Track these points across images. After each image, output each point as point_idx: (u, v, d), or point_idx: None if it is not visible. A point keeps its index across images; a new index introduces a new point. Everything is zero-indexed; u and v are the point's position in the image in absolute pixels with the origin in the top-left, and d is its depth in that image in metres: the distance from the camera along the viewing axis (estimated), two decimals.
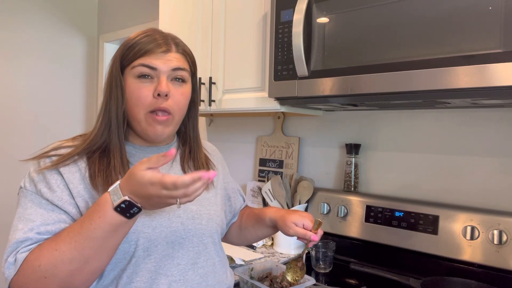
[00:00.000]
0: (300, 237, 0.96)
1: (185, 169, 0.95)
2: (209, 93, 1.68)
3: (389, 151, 1.52)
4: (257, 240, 1.15)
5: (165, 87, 0.82)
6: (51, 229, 0.76)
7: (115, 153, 0.84)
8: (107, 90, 0.86)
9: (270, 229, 1.05)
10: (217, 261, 0.94)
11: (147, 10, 2.68)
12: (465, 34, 0.96)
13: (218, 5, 1.67)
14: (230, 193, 1.11)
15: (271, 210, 1.04)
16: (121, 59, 0.85)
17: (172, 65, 0.85)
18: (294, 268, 1.01)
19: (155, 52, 0.83)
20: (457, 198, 1.36)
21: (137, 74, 0.83)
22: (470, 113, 1.34)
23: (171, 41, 0.87)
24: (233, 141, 2.12)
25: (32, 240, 0.75)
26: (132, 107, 0.84)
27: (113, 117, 0.84)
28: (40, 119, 2.93)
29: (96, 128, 0.86)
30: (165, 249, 0.84)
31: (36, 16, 2.89)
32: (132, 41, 0.85)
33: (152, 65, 0.83)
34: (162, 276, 0.83)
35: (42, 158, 0.83)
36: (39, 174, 0.81)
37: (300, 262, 1.01)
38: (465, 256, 1.23)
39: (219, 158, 1.10)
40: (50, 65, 2.98)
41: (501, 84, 0.91)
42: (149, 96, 0.83)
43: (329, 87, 1.21)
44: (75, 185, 0.81)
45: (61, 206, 0.79)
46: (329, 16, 1.21)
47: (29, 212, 0.77)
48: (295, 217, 0.97)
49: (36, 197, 0.79)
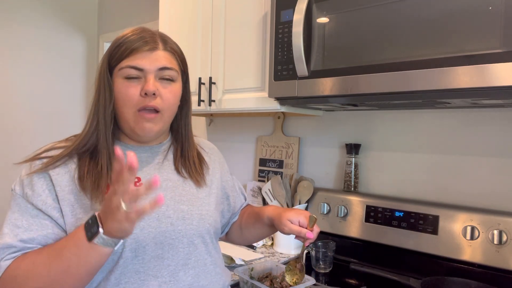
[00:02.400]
0: (295, 234, 0.95)
1: (177, 167, 0.94)
2: (209, 93, 1.68)
3: (389, 151, 1.52)
4: (258, 240, 1.14)
5: (151, 86, 0.82)
6: (34, 235, 0.77)
7: (103, 153, 0.84)
8: (97, 90, 0.86)
9: (269, 228, 1.04)
10: (209, 261, 0.92)
11: (147, 10, 2.68)
12: (465, 34, 0.96)
13: (218, 5, 1.67)
14: (229, 191, 1.09)
15: (269, 208, 1.03)
16: (109, 59, 0.85)
17: (158, 64, 0.84)
18: (293, 270, 1.00)
19: (142, 50, 0.82)
20: (457, 198, 1.36)
21: (125, 76, 0.83)
22: (470, 113, 1.34)
23: (158, 39, 0.86)
24: (233, 141, 2.12)
25: (16, 248, 0.75)
26: (120, 106, 0.84)
27: (100, 117, 0.84)
28: (39, 119, 2.93)
29: (85, 129, 0.86)
30: (154, 250, 0.83)
31: (36, 16, 2.88)
32: (119, 41, 0.85)
33: (139, 66, 0.82)
34: (152, 277, 0.82)
35: (34, 160, 0.83)
36: (28, 177, 0.81)
37: (299, 263, 1.00)
38: (465, 256, 1.23)
39: (217, 156, 1.09)
40: (50, 65, 2.98)
41: (501, 84, 0.91)
42: (136, 95, 0.83)
43: (329, 87, 1.21)
44: (62, 187, 0.80)
45: (44, 211, 0.78)
46: (329, 16, 1.21)
47: (15, 217, 0.78)
48: (290, 214, 0.96)
49: (23, 201, 0.80)
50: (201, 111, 1.75)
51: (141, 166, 0.89)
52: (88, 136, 0.84)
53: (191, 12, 1.79)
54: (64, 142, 0.87)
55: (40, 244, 0.77)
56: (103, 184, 0.81)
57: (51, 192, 0.79)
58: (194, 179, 0.95)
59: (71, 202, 0.79)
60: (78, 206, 0.79)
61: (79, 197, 0.80)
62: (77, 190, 0.80)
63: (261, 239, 1.13)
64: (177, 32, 1.85)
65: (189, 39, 1.79)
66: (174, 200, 0.89)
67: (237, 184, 1.15)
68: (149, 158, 0.92)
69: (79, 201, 0.80)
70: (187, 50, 1.81)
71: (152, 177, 0.65)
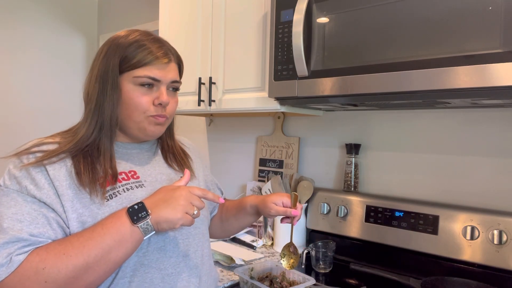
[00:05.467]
0: (282, 215, 1.00)
1: (168, 161, 0.98)
2: (209, 93, 1.68)
3: (389, 151, 1.52)
4: (239, 231, 1.19)
5: (166, 98, 0.87)
6: (42, 230, 0.74)
7: (105, 154, 0.84)
8: (100, 89, 0.85)
9: (251, 216, 1.09)
10: (206, 253, 0.97)
11: (147, 10, 2.68)
12: (465, 34, 0.96)
13: (218, 5, 1.67)
14: (210, 185, 1.14)
15: (250, 197, 1.08)
16: (120, 63, 0.85)
17: (171, 77, 0.89)
18: (288, 254, 1.02)
19: (161, 62, 0.86)
20: (457, 198, 1.36)
21: (139, 83, 0.85)
22: (470, 113, 1.34)
23: (169, 52, 0.90)
24: (233, 141, 2.12)
25: (26, 241, 0.72)
26: (130, 111, 0.86)
27: (106, 120, 0.85)
28: (38, 118, 2.93)
29: (85, 127, 0.85)
30: (157, 241, 0.85)
31: (36, 16, 2.88)
32: (133, 44, 0.85)
33: (156, 77, 0.86)
34: (155, 270, 0.83)
35: (24, 155, 0.80)
36: (21, 170, 0.78)
37: (291, 246, 1.02)
38: (465, 256, 1.23)
39: (195, 151, 1.13)
40: (49, 65, 2.98)
41: (501, 84, 0.91)
42: (149, 103, 0.86)
43: (329, 87, 1.21)
44: (60, 182, 0.79)
45: (49, 204, 0.77)
46: (329, 16, 1.21)
47: (13, 211, 0.74)
48: (273, 197, 1.01)
49: (20, 195, 0.76)
50: (201, 111, 1.75)
51: (134, 161, 0.92)
52: (89, 134, 0.84)
53: (191, 12, 1.79)
54: (51, 138, 0.86)
55: (50, 238, 0.75)
56: (101, 178, 0.82)
57: (51, 187, 0.78)
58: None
59: (70, 197, 0.79)
60: (77, 201, 0.79)
61: (78, 193, 0.79)
62: (75, 185, 0.80)
63: (242, 230, 1.20)
64: (177, 32, 1.85)
65: (189, 39, 1.79)
66: None
67: (214, 179, 1.21)
68: (139, 154, 0.94)
69: (77, 197, 0.79)
70: (187, 50, 1.81)
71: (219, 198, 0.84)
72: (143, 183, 0.88)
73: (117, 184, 0.84)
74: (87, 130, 0.85)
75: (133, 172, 0.89)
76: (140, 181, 0.88)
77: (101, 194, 0.80)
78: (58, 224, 0.77)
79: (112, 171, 0.84)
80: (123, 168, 0.88)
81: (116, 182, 0.84)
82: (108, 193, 0.82)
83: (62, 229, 0.78)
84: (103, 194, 0.81)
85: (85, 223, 0.78)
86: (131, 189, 0.85)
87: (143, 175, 0.90)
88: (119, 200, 0.82)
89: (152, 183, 0.90)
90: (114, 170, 0.84)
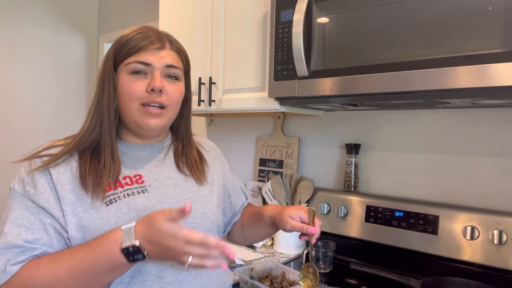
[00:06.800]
0: (297, 230, 0.93)
1: (179, 165, 0.94)
2: (209, 93, 1.68)
3: (389, 151, 1.52)
4: (259, 240, 1.12)
5: (159, 82, 0.83)
6: (38, 236, 0.76)
7: (106, 150, 0.83)
8: (99, 86, 0.86)
9: (270, 228, 1.02)
10: None
11: (147, 10, 2.69)
12: (465, 34, 0.96)
13: (218, 5, 1.67)
14: (231, 190, 1.08)
15: (269, 207, 1.02)
16: (114, 56, 0.85)
17: (165, 61, 0.85)
18: (307, 275, 0.94)
19: (149, 48, 0.84)
20: (457, 198, 1.36)
21: (131, 70, 0.84)
22: (470, 113, 1.34)
23: (165, 39, 0.87)
24: (233, 141, 2.12)
25: (21, 248, 0.74)
26: (124, 100, 0.84)
27: (105, 113, 0.84)
28: (38, 118, 2.93)
29: (86, 124, 0.85)
30: None
31: (36, 16, 2.89)
32: (125, 38, 0.85)
33: (146, 61, 0.83)
34: (155, 277, 0.81)
35: (33, 158, 0.82)
36: (28, 175, 0.80)
37: (311, 267, 0.95)
38: (465, 256, 1.23)
39: (217, 154, 1.09)
40: (49, 64, 2.98)
41: (501, 84, 0.91)
42: (142, 90, 0.83)
43: (329, 87, 1.21)
44: (63, 186, 0.79)
45: (47, 209, 0.78)
46: (329, 16, 1.21)
47: (15, 215, 0.77)
48: (290, 211, 0.94)
49: (23, 199, 0.78)
50: (201, 111, 1.75)
51: (142, 164, 0.89)
52: (90, 132, 0.84)
53: (191, 12, 1.79)
54: (63, 141, 0.87)
55: (45, 245, 0.76)
56: (104, 182, 0.81)
57: (52, 191, 0.79)
58: (195, 176, 0.95)
59: (72, 201, 0.79)
60: (78, 204, 0.79)
61: (80, 196, 0.80)
62: (78, 188, 0.80)
63: (262, 239, 1.12)
64: (177, 32, 1.85)
65: (189, 39, 1.79)
66: (176, 198, 0.88)
67: (238, 182, 1.15)
68: (150, 156, 0.92)
69: (79, 200, 0.79)
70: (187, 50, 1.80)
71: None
72: (147, 188, 0.86)
73: (118, 189, 0.83)
74: (89, 127, 0.85)
75: (138, 177, 0.87)
76: (144, 186, 0.86)
77: (101, 198, 0.80)
78: (55, 229, 0.78)
79: (114, 175, 0.83)
80: (129, 172, 0.87)
81: (118, 187, 0.83)
82: (108, 198, 0.81)
83: (60, 234, 0.78)
84: (103, 198, 0.80)
85: (84, 227, 0.78)
86: (132, 195, 0.83)
87: (148, 179, 0.88)
88: (118, 205, 0.81)
89: (157, 188, 0.87)
90: (116, 174, 0.83)
